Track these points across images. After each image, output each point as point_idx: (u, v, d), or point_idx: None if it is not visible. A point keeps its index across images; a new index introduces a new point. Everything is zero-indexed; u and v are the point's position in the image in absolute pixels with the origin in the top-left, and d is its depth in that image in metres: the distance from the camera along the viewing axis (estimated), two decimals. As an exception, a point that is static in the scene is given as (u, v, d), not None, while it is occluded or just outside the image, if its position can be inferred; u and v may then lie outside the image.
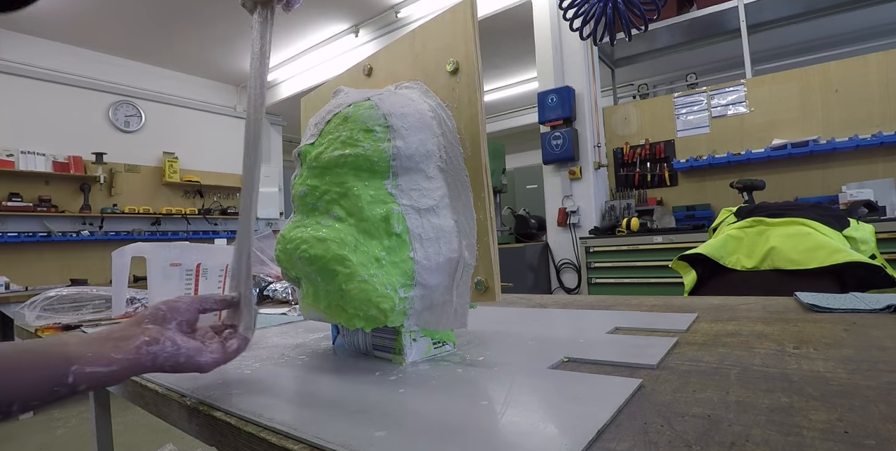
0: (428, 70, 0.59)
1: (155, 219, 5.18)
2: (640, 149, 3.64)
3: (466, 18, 0.53)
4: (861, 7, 3.27)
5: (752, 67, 3.28)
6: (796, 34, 3.99)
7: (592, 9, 2.17)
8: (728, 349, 0.55)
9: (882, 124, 2.84)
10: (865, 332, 0.60)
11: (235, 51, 5.21)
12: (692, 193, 3.46)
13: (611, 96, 4.31)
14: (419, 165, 0.54)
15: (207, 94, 5.92)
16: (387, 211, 0.52)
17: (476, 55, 0.52)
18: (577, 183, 3.52)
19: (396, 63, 0.64)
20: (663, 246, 2.92)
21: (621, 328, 0.70)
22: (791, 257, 1.21)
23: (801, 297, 0.85)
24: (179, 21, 4.49)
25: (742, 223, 1.36)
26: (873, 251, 1.36)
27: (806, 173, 3.07)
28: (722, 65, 4.57)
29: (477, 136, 0.53)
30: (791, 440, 0.31)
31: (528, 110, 6.70)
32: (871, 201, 2.50)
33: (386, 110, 0.54)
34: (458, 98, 0.55)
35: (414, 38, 0.61)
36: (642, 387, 0.43)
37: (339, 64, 4.96)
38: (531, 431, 0.34)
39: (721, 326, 0.69)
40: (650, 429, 0.34)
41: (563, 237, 3.56)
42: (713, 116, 3.37)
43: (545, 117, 3.51)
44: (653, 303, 0.95)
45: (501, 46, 4.86)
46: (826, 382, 0.42)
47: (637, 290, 3.00)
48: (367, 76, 0.69)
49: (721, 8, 3.29)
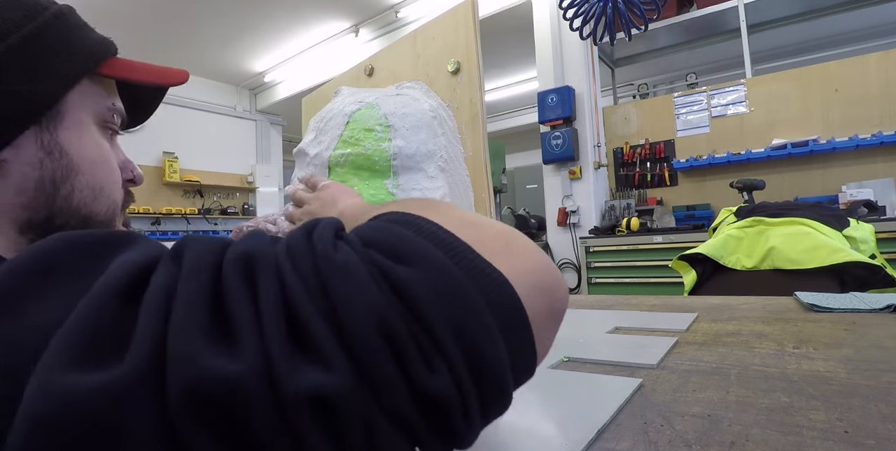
0: (429, 70, 0.59)
1: (155, 219, 5.18)
2: (640, 149, 3.64)
3: (468, 19, 0.53)
4: (861, 7, 3.27)
5: (752, 67, 3.28)
6: (796, 34, 3.99)
7: (592, 8, 2.17)
8: (728, 349, 0.55)
9: (882, 124, 2.84)
10: (865, 332, 0.61)
11: (235, 51, 5.21)
12: (692, 193, 3.45)
13: (611, 96, 4.31)
14: (420, 165, 0.54)
15: (207, 94, 5.91)
16: (387, 211, 0.52)
17: (477, 55, 0.53)
18: (577, 183, 3.51)
19: (398, 63, 0.64)
20: (663, 246, 2.92)
21: (621, 328, 0.70)
22: (791, 257, 1.21)
23: (801, 297, 0.85)
24: (179, 21, 4.49)
25: (742, 223, 1.36)
26: (873, 251, 1.36)
27: (806, 173, 3.07)
28: (722, 65, 4.57)
29: (478, 135, 0.53)
30: (791, 440, 0.31)
31: (528, 110, 6.70)
32: (870, 201, 2.50)
33: (387, 110, 0.54)
34: (459, 98, 0.55)
35: (415, 39, 0.61)
36: (642, 387, 0.43)
37: (339, 64, 4.96)
38: (531, 431, 0.34)
39: (721, 326, 0.69)
40: (650, 429, 0.34)
41: (562, 237, 3.56)
42: (713, 115, 3.37)
43: (545, 117, 3.51)
44: (653, 303, 0.95)
45: (501, 46, 4.85)
46: (826, 381, 0.42)
47: (637, 290, 3.00)
48: (369, 76, 0.69)
49: (721, 8, 3.29)
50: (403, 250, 0.18)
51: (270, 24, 4.62)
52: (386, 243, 0.18)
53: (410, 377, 0.16)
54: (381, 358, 0.15)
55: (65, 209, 0.36)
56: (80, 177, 0.36)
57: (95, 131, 0.39)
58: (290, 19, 4.53)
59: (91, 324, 0.15)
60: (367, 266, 0.17)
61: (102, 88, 0.40)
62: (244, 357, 0.14)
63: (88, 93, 0.38)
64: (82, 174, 0.37)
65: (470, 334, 0.17)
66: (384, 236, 0.19)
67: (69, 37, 0.37)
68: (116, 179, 0.41)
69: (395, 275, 0.17)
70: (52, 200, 0.35)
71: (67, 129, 0.36)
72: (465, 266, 0.18)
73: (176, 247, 0.18)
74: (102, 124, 0.40)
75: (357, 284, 0.16)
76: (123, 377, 0.14)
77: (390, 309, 0.16)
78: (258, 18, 4.48)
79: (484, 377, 0.17)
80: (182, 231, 5.32)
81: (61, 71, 0.36)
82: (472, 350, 0.17)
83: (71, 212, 0.36)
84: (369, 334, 0.15)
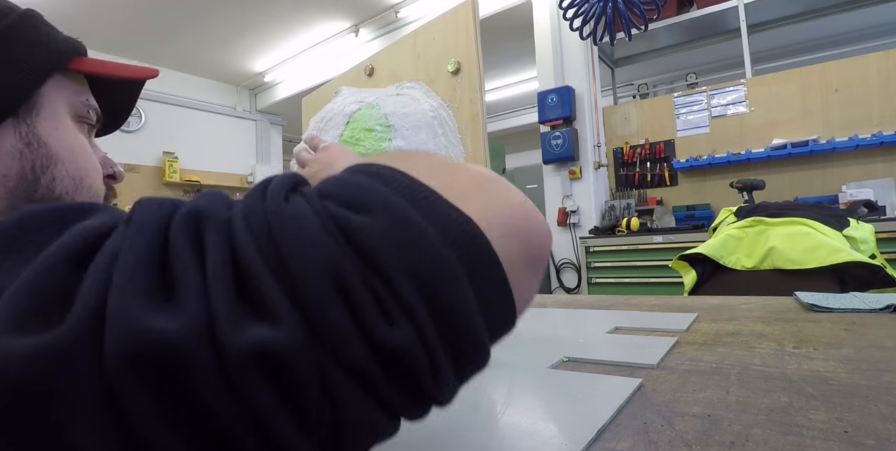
0: (430, 70, 0.59)
1: (155, 219, 5.18)
2: (640, 149, 3.64)
3: (468, 19, 0.53)
4: (861, 7, 3.27)
5: (752, 67, 3.28)
6: (796, 34, 3.99)
7: (592, 8, 2.17)
8: (728, 349, 0.55)
9: (882, 124, 2.84)
10: (865, 332, 0.61)
11: (235, 51, 5.21)
12: (692, 193, 3.45)
13: (611, 96, 4.31)
14: (420, 165, 0.54)
15: (207, 94, 5.91)
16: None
17: (478, 55, 0.53)
18: (577, 183, 3.51)
19: (398, 63, 0.64)
20: (663, 246, 2.92)
21: (621, 328, 0.70)
22: (791, 257, 1.21)
23: (800, 297, 0.85)
24: (179, 21, 4.49)
25: (742, 223, 1.36)
26: (873, 251, 1.36)
27: (806, 173, 3.07)
28: (722, 65, 4.57)
29: (478, 135, 0.53)
30: (791, 440, 0.31)
31: (528, 110, 6.69)
32: (870, 201, 2.49)
33: (387, 110, 0.54)
34: (459, 98, 0.55)
35: (416, 39, 0.61)
36: (642, 387, 0.43)
37: (339, 64, 4.96)
38: (531, 431, 0.34)
39: (721, 325, 0.69)
40: (650, 429, 0.34)
41: (562, 237, 3.56)
42: (713, 115, 3.37)
43: (545, 117, 3.51)
44: (653, 303, 0.95)
45: (501, 46, 4.85)
46: (826, 381, 0.42)
47: (637, 290, 3.00)
48: (369, 76, 0.69)
49: (721, 8, 3.29)
50: (361, 197, 0.17)
51: (270, 24, 4.62)
52: (345, 194, 0.18)
53: (366, 330, 0.15)
54: (334, 312, 0.15)
55: (47, 198, 0.37)
56: (60, 166, 0.37)
57: (71, 124, 0.40)
58: (290, 19, 4.53)
59: (37, 288, 0.15)
60: (320, 218, 0.16)
61: (76, 83, 0.41)
62: (184, 317, 0.14)
63: (62, 87, 0.40)
64: (62, 163, 0.38)
65: (433, 283, 0.16)
66: (343, 186, 0.18)
67: (38, 34, 0.38)
68: (97, 169, 0.42)
69: (350, 225, 0.16)
70: (33, 189, 0.36)
71: (45, 120, 0.37)
72: (425, 210, 0.17)
73: (131, 210, 0.18)
74: (78, 118, 0.41)
75: (310, 236, 0.16)
76: (59, 339, 0.13)
77: (345, 261, 0.15)
78: (258, 18, 4.48)
79: (452, 328, 0.16)
80: (182, 231, 5.32)
81: (34, 64, 0.37)
82: (435, 299, 0.16)
83: (54, 201, 0.37)
84: (322, 288, 0.15)
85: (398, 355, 0.15)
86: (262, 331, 0.14)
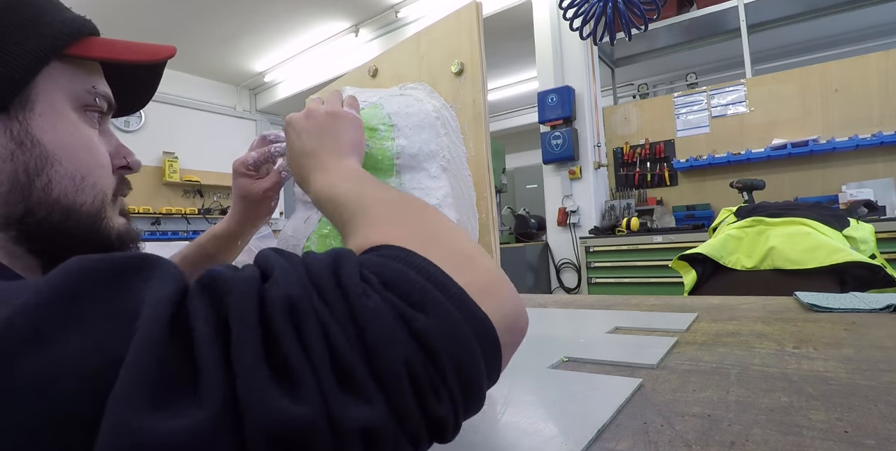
0: (433, 71, 0.59)
1: (155, 219, 5.17)
2: (639, 149, 3.64)
3: (471, 21, 0.53)
4: (861, 7, 3.27)
5: (752, 67, 3.28)
6: (796, 34, 3.99)
7: (592, 8, 2.17)
8: (728, 349, 0.56)
9: (882, 124, 2.84)
10: (865, 332, 0.61)
11: (236, 51, 5.21)
12: (692, 193, 3.46)
13: (611, 96, 4.31)
14: (422, 165, 0.54)
15: (207, 94, 5.91)
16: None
17: (481, 57, 0.53)
18: (577, 183, 3.51)
19: (401, 64, 0.64)
20: (663, 246, 2.92)
21: (621, 328, 0.71)
22: (791, 257, 1.21)
23: (800, 297, 0.85)
24: (179, 21, 4.49)
25: (742, 223, 1.36)
26: (873, 251, 1.36)
27: (806, 173, 3.07)
28: (722, 65, 4.57)
29: (480, 136, 0.53)
30: (791, 440, 0.31)
31: (528, 110, 6.70)
32: (870, 201, 2.50)
33: (390, 110, 0.54)
34: (462, 99, 0.55)
35: (419, 40, 0.61)
36: (642, 387, 0.43)
37: (340, 64, 4.96)
38: (531, 431, 0.34)
39: (721, 325, 0.70)
40: (650, 429, 0.34)
41: (562, 237, 3.56)
42: (713, 115, 3.37)
43: (545, 117, 3.51)
44: (653, 303, 0.95)
45: (501, 46, 4.85)
46: (826, 381, 0.42)
47: (637, 290, 3.00)
48: (373, 77, 0.69)
49: (721, 8, 3.29)
50: (415, 296, 0.22)
51: (270, 24, 4.62)
52: (401, 289, 0.23)
53: (425, 408, 0.20)
54: (406, 395, 0.20)
55: (44, 201, 0.34)
56: (56, 166, 0.34)
57: (74, 116, 0.37)
58: (290, 19, 4.53)
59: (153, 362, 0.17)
60: (392, 313, 0.21)
61: (81, 69, 0.37)
62: (308, 399, 0.18)
63: (61, 76, 0.36)
64: (59, 163, 0.35)
65: (466, 370, 0.22)
66: (397, 279, 0.23)
67: (27, 17, 0.34)
68: (102, 164, 0.38)
69: (417, 325, 0.21)
70: (28, 192, 0.33)
71: (40, 116, 0.34)
72: (464, 311, 0.23)
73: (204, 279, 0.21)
74: (82, 108, 0.37)
75: (387, 331, 0.20)
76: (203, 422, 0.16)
77: (414, 354, 0.20)
78: (258, 19, 4.48)
79: (471, 397, 0.23)
80: (182, 231, 5.32)
81: (25, 52, 0.33)
82: (467, 382, 0.22)
83: (51, 204, 0.34)
84: (399, 376, 0.20)
85: (440, 422, 0.21)
86: (363, 411, 0.18)
